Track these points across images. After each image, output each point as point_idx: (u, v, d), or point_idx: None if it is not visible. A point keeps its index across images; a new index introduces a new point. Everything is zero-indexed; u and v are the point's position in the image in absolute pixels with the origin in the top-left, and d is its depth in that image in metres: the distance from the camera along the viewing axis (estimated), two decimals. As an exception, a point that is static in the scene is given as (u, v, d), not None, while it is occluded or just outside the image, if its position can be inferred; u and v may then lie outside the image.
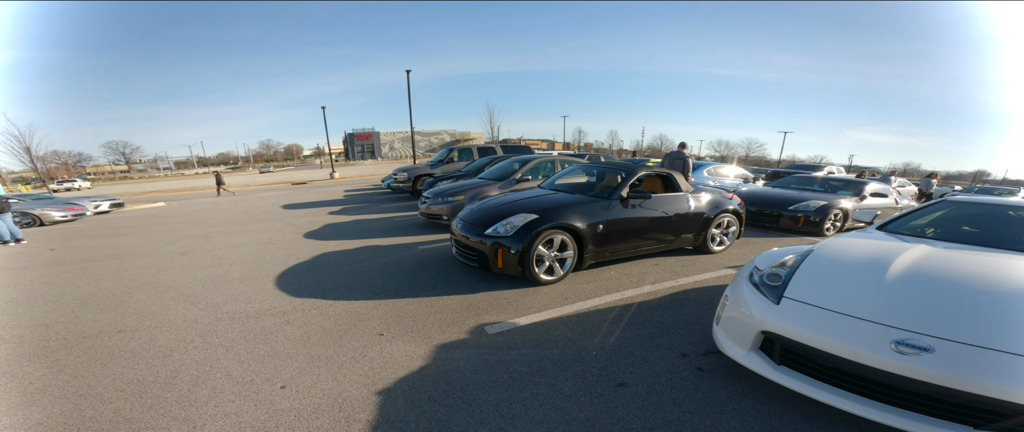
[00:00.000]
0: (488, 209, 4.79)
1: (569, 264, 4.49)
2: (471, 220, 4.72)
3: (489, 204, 4.97)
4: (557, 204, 4.56)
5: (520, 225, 4.22)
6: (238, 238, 7.72)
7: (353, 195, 15.72)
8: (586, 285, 4.48)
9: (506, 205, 4.75)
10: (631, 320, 3.65)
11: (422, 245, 6.40)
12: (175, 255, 6.59)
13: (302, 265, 5.50)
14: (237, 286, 4.77)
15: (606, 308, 3.91)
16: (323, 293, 4.38)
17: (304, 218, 9.95)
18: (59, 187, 43.30)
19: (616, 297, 4.17)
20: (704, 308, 3.89)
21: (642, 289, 4.38)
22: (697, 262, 5.38)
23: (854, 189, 8.07)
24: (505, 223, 4.31)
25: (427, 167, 13.70)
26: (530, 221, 4.24)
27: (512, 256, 4.17)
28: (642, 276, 4.79)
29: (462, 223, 4.78)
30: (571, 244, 4.42)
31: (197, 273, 5.43)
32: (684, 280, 4.68)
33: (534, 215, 4.30)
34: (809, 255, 2.78)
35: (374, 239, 7.00)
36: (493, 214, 4.60)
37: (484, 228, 4.41)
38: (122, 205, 15.59)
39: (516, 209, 4.54)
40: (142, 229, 9.67)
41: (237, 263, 5.82)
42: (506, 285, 4.44)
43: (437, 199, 7.43)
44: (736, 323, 2.57)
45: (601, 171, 5.85)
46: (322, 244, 6.77)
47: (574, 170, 6.41)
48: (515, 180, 7.68)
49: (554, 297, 4.14)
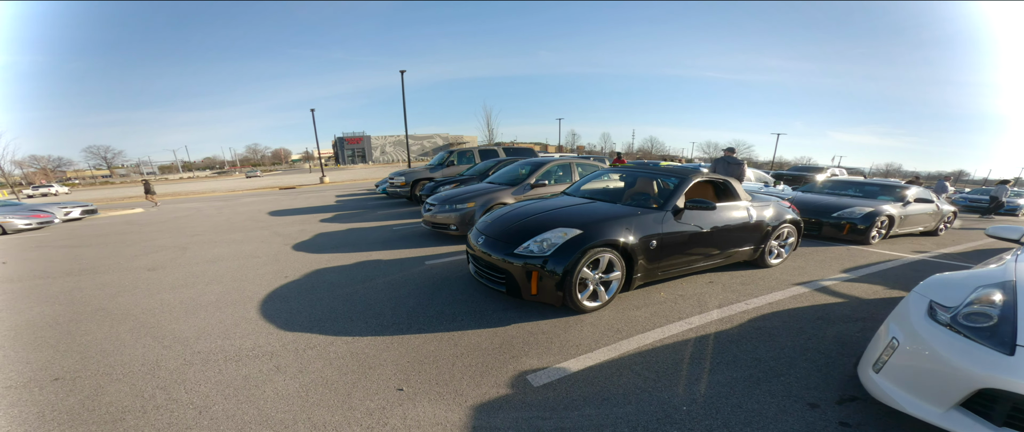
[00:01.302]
0: (514, 221, 4.03)
1: (615, 287, 3.75)
2: (494, 234, 3.95)
3: (514, 215, 4.21)
4: (603, 217, 3.81)
5: (560, 243, 3.46)
6: (218, 250, 6.84)
7: (345, 201, 14.84)
8: (637, 311, 3.74)
9: (536, 217, 3.99)
10: (716, 358, 2.93)
11: (430, 259, 5.61)
12: (143, 271, 5.70)
13: (292, 286, 4.67)
14: (213, 314, 3.93)
15: (675, 342, 3.18)
16: (320, 325, 3.57)
17: (293, 226, 9.08)
18: (35, 192, 41.44)
19: (681, 327, 3.44)
20: (802, 340, 3.22)
21: (709, 315, 3.67)
22: (756, 278, 4.71)
23: (895, 194, 7.50)
24: (540, 240, 3.55)
25: (426, 171, 12.90)
26: (573, 238, 3.49)
27: (550, 280, 3.41)
28: (701, 298, 4.08)
29: (483, 238, 4.01)
30: (619, 263, 3.69)
31: (166, 295, 4.57)
32: (754, 302, 3.98)
33: (577, 230, 3.55)
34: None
35: (374, 252, 6.18)
36: (521, 227, 3.85)
37: (513, 244, 3.65)
38: (95, 211, 14.49)
39: (550, 222, 3.79)
40: (112, 239, 8.71)
41: (215, 282, 4.97)
42: (540, 313, 3.68)
43: (444, 206, 6.65)
44: (928, 375, 1.94)
45: (636, 176, 5.15)
46: (314, 258, 5.94)
47: (601, 175, 5.68)
48: (529, 185, 6.94)
49: (604, 329, 3.40)
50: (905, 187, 7.66)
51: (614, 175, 5.69)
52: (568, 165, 7.52)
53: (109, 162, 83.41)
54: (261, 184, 32.45)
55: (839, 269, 5.27)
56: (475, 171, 11.39)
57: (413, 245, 6.58)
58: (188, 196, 23.42)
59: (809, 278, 4.81)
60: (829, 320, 3.64)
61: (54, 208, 13.12)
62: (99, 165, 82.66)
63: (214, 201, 18.27)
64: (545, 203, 4.50)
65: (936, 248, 7.02)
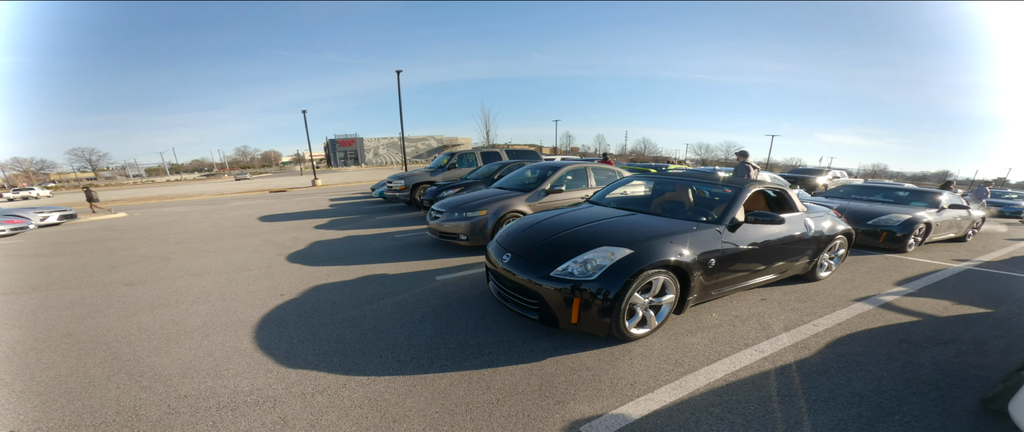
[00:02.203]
0: (544, 236, 3.52)
1: (666, 311, 3.27)
2: (522, 251, 3.43)
3: (542, 229, 3.70)
4: (655, 233, 3.31)
5: (607, 265, 2.96)
6: (204, 261, 6.25)
7: (340, 205, 14.22)
8: (692, 337, 3.27)
9: (571, 232, 3.48)
10: (808, 394, 2.51)
11: (440, 274, 5.08)
12: (119, 286, 5.10)
13: (289, 306, 4.12)
14: (200, 343, 3.38)
15: (752, 376, 2.73)
16: (327, 359, 3.04)
17: (286, 233, 8.49)
18: (15, 196, 40.07)
19: (751, 355, 2.99)
20: (897, 368, 2.83)
21: (778, 340, 3.22)
22: (810, 294, 4.31)
23: (929, 200, 7.14)
24: (582, 261, 3.04)
25: (426, 174, 12.34)
26: (622, 259, 2.99)
27: (595, 308, 2.92)
28: (761, 318, 3.63)
29: (509, 255, 3.47)
30: (674, 285, 3.21)
31: (144, 317, 4.01)
32: (822, 323, 3.56)
33: (626, 249, 3.06)
34: None
35: (377, 264, 5.64)
36: (554, 244, 3.35)
37: (547, 265, 3.14)
38: (74, 216, 13.72)
39: (590, 238, 3.29)
40: (89, 247, 8.06)
41: (201, 301, 4.41)
42: (578, 343, 3.19)
43: (453, 214, 6.13)
44: None
45: (665, 183, 4.72)
46: (312, 272, 5.38)
47: (628, 181, 5.21)
48: (544, 191, 6.44)
49: (658, 361, 2.91)
50: (938, 193, 7.32)
51: (639, 181, 5.24)
52: (583, 169, 7.05)
53: (94, 165, 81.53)
54: (251, 187, 31.59)
55: (891, 282, 4.87)
56: (479, 174, 10.89)
57: (419, 256, 6.06)
58: (174, 200, 22.59)
59: (866, 293, 4.41)
60: (915, 343, 3.23)
61: (30, 213, 12.37)
62: (83, 167, 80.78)
63: (201, 205, 17.53)
64: (575, 214, 4.00)
65: (973, 256, 6.66)
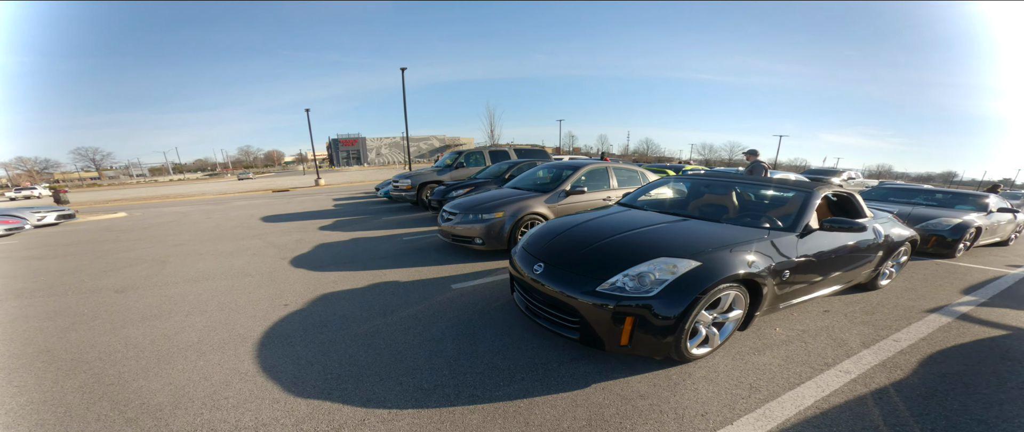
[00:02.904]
0: (582, 244, 3.11)
1: (730, 328, 2.86)
2: (557, 260, 3.01)
3: (579, 235, 3.29)
4: (723, 242, 2.88)
5: (670, 280, 2.54)
6: (203, 265, 5.87)
7: (344, 205, 13.85)
8: (760, 356, 2.87)
9: (616, 240, 3.06)
10: (924, 425, 2.19)
11: (456, 282, 4.68)
12: (109, 293, 4.72)
13: (295, 319, 3.72)
14: (195, 363, 2.98)
15: (847, 402, 2.41)
16: (341, 386, 2.63)
17: (289, 235, 8.10)
18: (17, 195, 39.90)
19: (838, 377, 2.64)
20: (1016, 392, 2.48)
21: (861, 358, 2.86)
22: (874, 304, 3.96)
23: (977, 204, 6.73)
24: (636, 274, 2.62)
25: (433, 173, 11.94)
26: (689, 273, 2.57)
27: (654, 327, 2.50)
28: (832, 333, 3.26)
29: (542, 265, 3.04)
30: (743, 300, 2.80)
31: (133, 330, 3.62)
32: (903, 338, 3.19)
33: (692, 261, 2.64)
34: None
35: (387, 270, 5.25)
36: (597, 253, 2.93)
37: (590, 277, 2.72)
38: (73, 216, 13.39)
39: (643, 247, 2.87)
40: (84, 249, 7.69)
41: (197, 311, 4.02)
42: (626, 365, 2.79)
43: (467, 216, 5.72)
44: None
45: (703, 185, 4.33)
46: (317, 278, 4.99)
47: (661, 183, 4.80)
48: (564, 192, 6.03)
49: (728, 385, 2.52)
50: (984, 196, 6.89)
51: (672, 183, 4.84)
52: (603, 169, 6.63)
53: (97, 164, 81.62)
54: (253, 187, 31.30)
55: (955, 290, 4.48)
56: (488, 174, 10.50)
57: (431, 261, 5.65)
58: (176, 199, 22.28)
59: (934, 303, 4.04)
60: (1018, 360, 2.89)
61: (26, 213, 12.04)
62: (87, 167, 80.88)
63: (203, 205, 17.19)
64: (613, 219, 3.59)
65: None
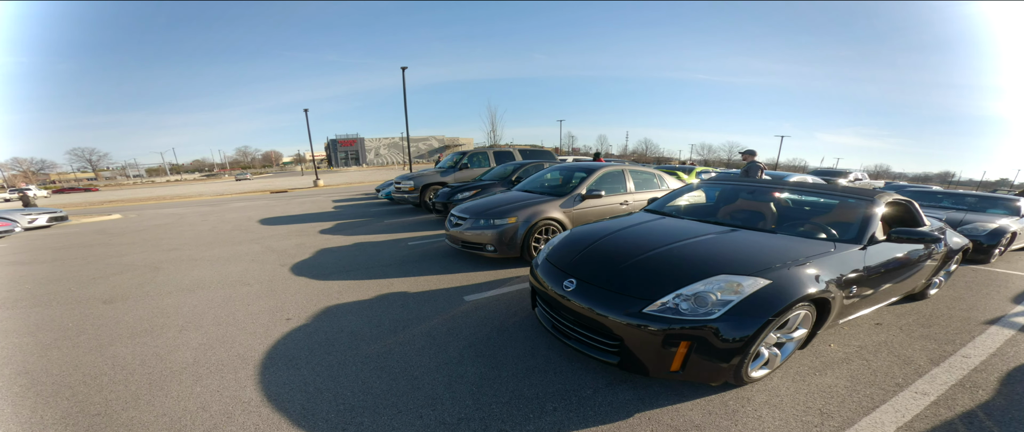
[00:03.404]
0: (621, 256, 2.81)
1: (791, 348, 2.59)
2: (594, 277, 2.69)
3: (612, 246, 3.00)
4: (790, 257, 2.59)
5: (735, 300, 2.25)
6: (198, 273, 5.56)
7: (344, 207, 13.54)
8: (822, 377, 2.62)
9: (662, 253, 2.76)
10: None
11: (469, 293, 4.38)
12: (97, 303, 4.41)
13: (299, 335, 3.42)
14: (190, 389, 2.68)
15: (933, 429, 2.12)
16: (356, 421, 2.33)
17: (289, 239, 7.79)
18: (12, 196, 39.42)
19: (916, 400, 2.44)
20: None
21: (934, 378, 2.66)
22: (925, 315, 3.74)
23: (1010, 207, 6.53)
24: (691, 294, 2.31)
25: (437, 174, 11.63)
26: (758, 293, 2.29)
27: (715, 352, 2.23)
28: (893, 350, 3.04)
29: (574, 282, 2.72)
30: (811, 318, 2.55)
31: (121, 348, 3.31)
32: (971, 353, 2.98)
33: (759, 279, 2.35)
34: None
35: (394, 279, 4.95)
36: (642, 269, 2.63)
37: (636, 297, 2.41)
38: (65, 218, 13.03)
39: (697, 263, 2.57)
40: (74, 253, 7.36)
41: (191, 326, 3.71)
42: (674, 390, 2.51)
43: (478, 221, 5.42)
44: None
45: (731, 190, 4.07)
46: (321, 288, 4.69)
47: (691, 189, 4.53)
48: (580, 196, 5.73)
49: (798, 412, 2.28)
50: (1015, 199, 6.66)
51: (705, 187, 4.57)
52: (620, 171, 6.34)
53: (94, 165, 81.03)
54: (251, 188, 30.94)
55: (1005, 298, 4.27)
56: (494, 175, 10.21)
57: (440, 269, 5.36)
58: (173, 200, 21.92)
59: (990, 313, 3.83)
60: None
61: (17, 215, 11.70)
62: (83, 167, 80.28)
63: (200, 206, 16.85)
64: (650, 228, 3.31)
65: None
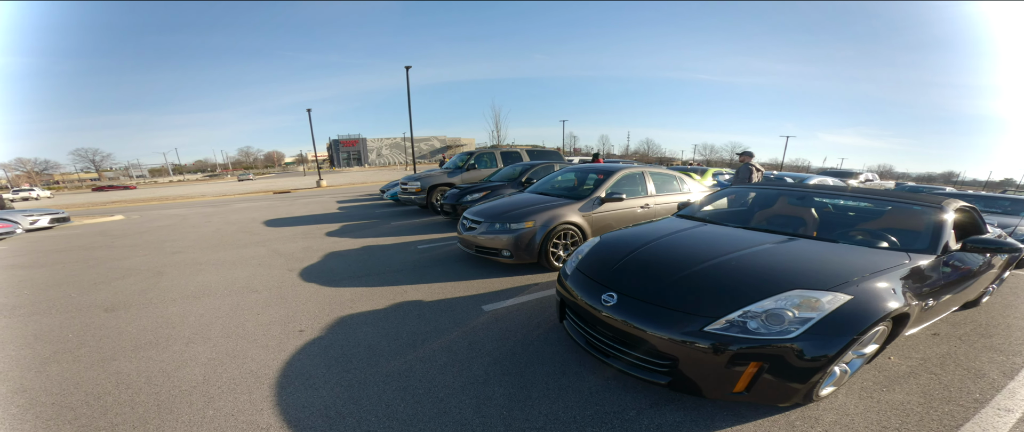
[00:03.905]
0: (671, 268, 2.59)
1: (859, 363, 2.41)
2: (642, 293, 2.46)
3: (656, 255, 2.80)
4: (868, 270, 2.38)
5: (816, 318, 2.04)
6: (203, 278, 5.37)
7: (348, 208, 13.36)
8: (891, 393, 2.48)
9: (719, 265, 2.55)
10: None
11: (487, 302, 4.17)
12: (98, 311, 4.22)
13: (314, 350, 3.22)
14: (202, 413, 2.48)
15: None
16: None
17: (295, 242, 7.61)
18: (15, 197, 39.37)
19: (1001, 418, 2.32)
20: None
21: (1014, 393, 2.53)
22: (981, 324, 3.56)
23: None
24: (760, 311, 2.11)
25: (443, 175, 11.44)
26: (838, 310, 2.08)
27: (794, 373, 2.03)
28: (959, 362, 2.89)
29: (616, 296, 2.50)
30: (885, 334, 2.39)
31: (125, 362, 3.12)
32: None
33: (839, 295, 2.15)
34: None
35: (408, 286, 4.75)
36: (698, 282, 2.41)
37: (694, 314, 2.20)
38: (67, 219, 12.87)
39: (765, 276, 2.37)
40: (75, 256, 7.19)
41: (199, 338, 3.52)
42: (730, 411, 2.30)
43: (492, 224, 5.20)
44: None
45: (769, 195, 3.88)
46: (333, 295, 4.50)
47: (727, 193, 4.34)
48: (599, 199, 5.50)
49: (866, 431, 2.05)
50: None
51: (744, 190, 4.39)
52: (640, 173, 6.12)
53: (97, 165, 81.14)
54: (254, 188, 30.82)
55: None
56: (503, 176, 10.00)
57: (453, 275, 5.16)
58: (175, 201, 21.78)
59: None
60: None
61: (18, 216, 11.53)
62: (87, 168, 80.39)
63: (203, 207, 16.69)
64: (697, 236, 3.12)
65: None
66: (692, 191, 6.40)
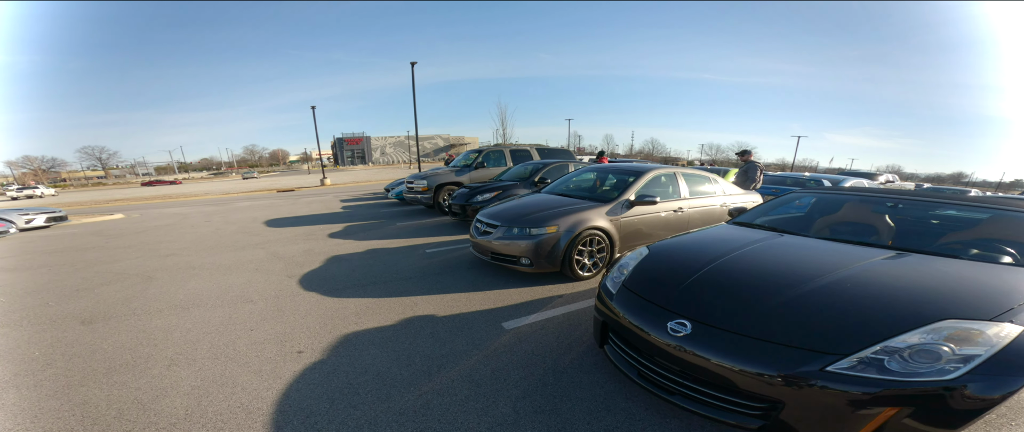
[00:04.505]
0: (767, 288, 2.14)
1: None
2: (728, 322, 2.00)
3: (740, 273, 2.36)
4: (1011, 288, 1.99)
5: (981, 356, 1.61)
6: (195, 285, 4.94)
7: (352, 207, 12.95)
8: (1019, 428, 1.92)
9: (831, 288, 2.08)
10: None
11: (508, 320, 3.70)
12: (75, 323, 3.79)
13: (315, 377, 2.77)
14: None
15: None
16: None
17: (296, 244, 7.18)
18: (19, 194, 39.30)
19: None
20: None
21: None
22: None
23: None
24: (904, 347, 1.66)
25: (451, 174, 10.98)
26: (1013, 344, 1.64)
27: (949, 417, 1.60)
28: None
29: (690, 324, 2.04)
30: None
31: (93, 389, 2.68)
32: None
33: (1012, 327, 1.70)
34: None
35: (417, 297, 4.30)
36: (807, 309, 1.96)
37: (815, 348, 1.74)
38: (64, 218, 12.50)
39: (892, 300, 1.93)
40: (65, 257, 6.78)
41: (183, 359, 3.08)
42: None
43: (510, 229, 4.73)
44: None
45: (864, 200, 3.40)
46: (335, 308, 4.05)
47: (794, 198, 3.87)
48: (628, 202, 5.00)
49: None
50: None
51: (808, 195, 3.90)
52: (672, 174, 5.61)
53: (104, 163, 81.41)
54: (258, 186, 30.51)
55: None
56: (513, 175, 9.54)
57: (466, 284, 4.70)
58: (177, 199, 21.46)
59: None
60: None
61: (14, 215, 11.19)
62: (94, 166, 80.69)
63: (204, 206, 16.33)
64: (780, 249, 2.69)
65: None
66: (727, 193, 5.91)
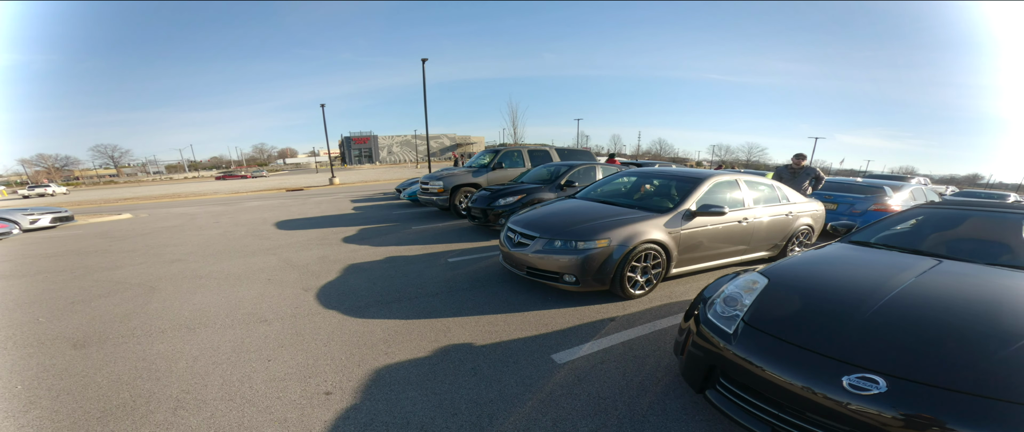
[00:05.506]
0: (983, 331, 1.73)
1: None
2: (944, 378, 1.54)
3: (931, 306, 1.94)
4: None
5: None
6: (202, 298, 4.48)
7: (364, 208, 12.52)
8: None
9: None
10: None
11: (558, 351, 3.17)
12: (63, 347, 3.33)
13: (349, 428, 2.28)
14: None
15: None
16: None
17: (309, 250, 6.72)
18: (30, 193, 39.46)
19: None
20: None
21: None
22: None
23: None
24: None
25: (468, 175, 10.47)
26: None
27: None
28: None
29: (884, 382, 1.57)
30: None
31: (78, 440, 2.21)
32: None
33: None
34: None
35: (449, 320, 3.79)
36: None
37: None
38: (70, 218, 12.18)
39: None
40: (64, 263, 6.36)
41: (190, 402, 2.59)
42: None
43: (552, 242, 4.15)
44: None
45: (993, 214, 2.90)
46: (361, 332, 3.56)
47: (920, 214, 3.34)
48: (689, 212, 4.43)
49: None
50: None
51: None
52: (733, 182, 4.99)
53: (116, 161, 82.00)
54: (267, 185, 30.26)
55: None
56: (535, 177, 9.02)
57: (501, 303, 4.18)
58: (187, 199, 21.18)
59: None
60: None
61: (18, 216, 10.84)
62: (106, 164, 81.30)
63: (213, 205, 15.98)
64: (956, 274, 2.30)
65: None
66: (791, 200, 5.35)
